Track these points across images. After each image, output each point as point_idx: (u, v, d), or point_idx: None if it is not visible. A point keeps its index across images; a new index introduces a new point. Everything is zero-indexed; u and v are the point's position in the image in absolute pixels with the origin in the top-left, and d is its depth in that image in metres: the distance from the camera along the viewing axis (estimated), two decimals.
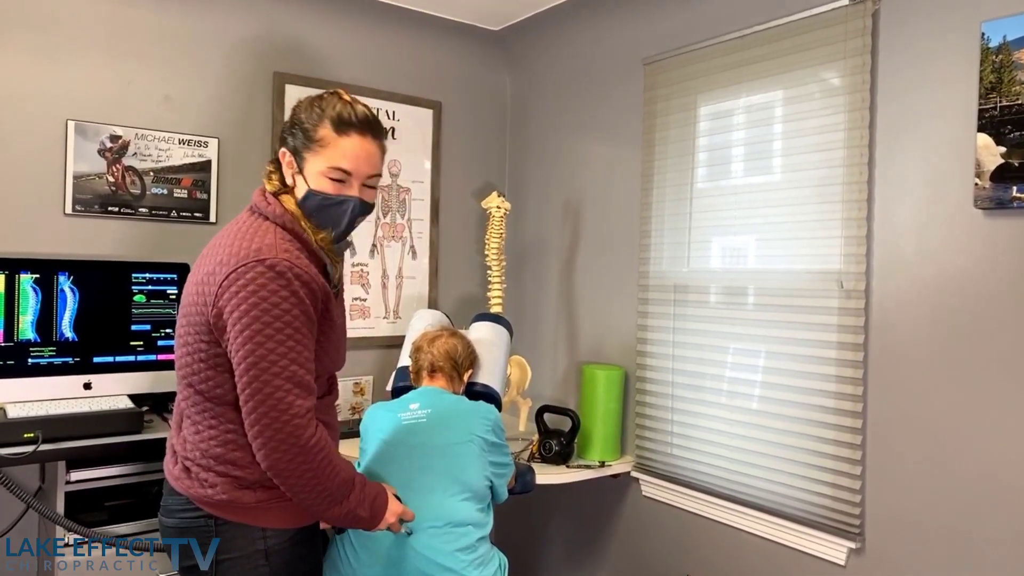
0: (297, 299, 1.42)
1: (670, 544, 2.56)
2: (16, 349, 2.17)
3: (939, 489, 1.87)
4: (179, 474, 1.54)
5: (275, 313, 1.39)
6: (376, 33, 2.98)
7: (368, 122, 1.54)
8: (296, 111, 1.56)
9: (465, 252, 3.27)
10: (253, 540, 1.51)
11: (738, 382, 2.33)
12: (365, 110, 1.55)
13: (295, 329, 1.41)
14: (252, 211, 1.55)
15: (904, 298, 1.94)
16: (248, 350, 1.38)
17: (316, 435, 1.42)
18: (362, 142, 1.52)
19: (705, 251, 2.45)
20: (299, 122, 1.53)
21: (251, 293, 1.38)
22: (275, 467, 1.41)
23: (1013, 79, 1.71)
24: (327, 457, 1.44)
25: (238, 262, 1.41)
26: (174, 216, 2.56)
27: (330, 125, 1.50)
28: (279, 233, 1.48)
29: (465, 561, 1.80)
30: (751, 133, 2.31)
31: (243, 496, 1.49)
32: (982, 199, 1.77)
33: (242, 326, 1.38)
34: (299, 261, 1.45)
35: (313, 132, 1.51)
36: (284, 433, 1.38)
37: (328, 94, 1.56)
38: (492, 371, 2.30)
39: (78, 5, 2.39)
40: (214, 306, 1.41)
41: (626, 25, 2.75)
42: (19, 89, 2.31)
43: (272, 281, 1.39)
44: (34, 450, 1.93)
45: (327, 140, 1.50)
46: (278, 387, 1.38)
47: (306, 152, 1.52)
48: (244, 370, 1.39)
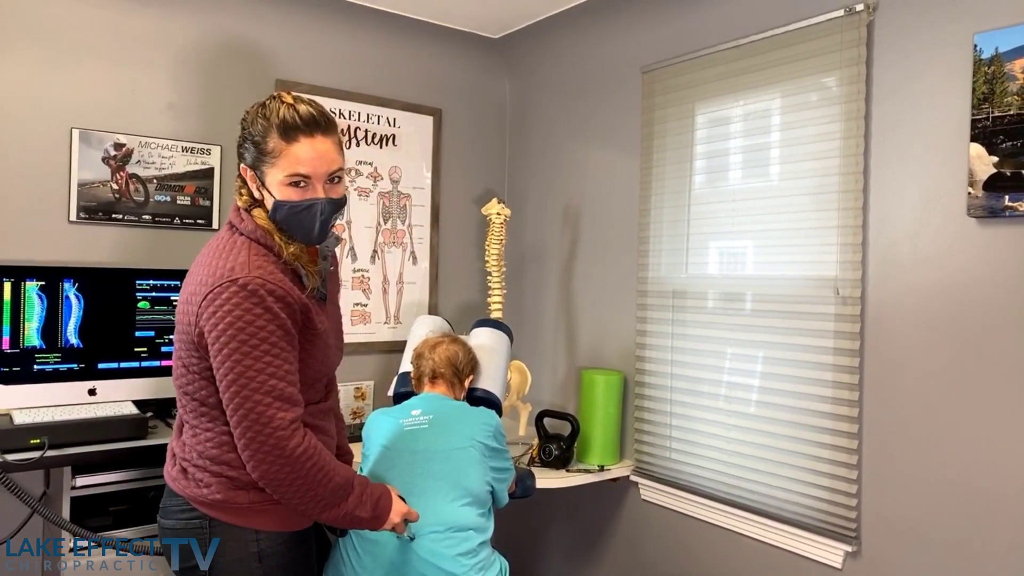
0: (272, 315, 1.45)
1: (669, 547, 2.59)
2: (22, 355, 2.20)
3: (934, 493, 1.90)
4: (176, 475, 1.58)
5: (250, 331, 1.42)
6: (377, 41, 3.01)
7: (313, 121, 1.50)
8: (245, 124, 1.54)
9: (465, 258, 3.29)
10: (246, 543, 1.54)
11: (736, 387, 2.36)
12: (308, 108, 1.51)
13: (272, 344, 1.44)
14: (230, 227, 1.57)
15: (899, 305, 1.97)
16: (228, 367, 1.42)
17: (303, 444, 1.45)
18: (312, 143, 1.50)
19: (703, 257, 2.48)
20: (249, 136, 1.52)
21: (227, 313, 1.42)
22: (264, 478, 1.45)
23: (1005, 90, 1.74)
24: (316, 464, 1.47)
25: (214, 283, 1.45)
26: (177, 223, 2.58)
27: (277, 134, 1.48)
28: (253, 249, 1.51)
29: (467, 565, 1.82)
30: (748, 141, 2.34)
31: (236, 496, 1.52)
32: (975, 208, 1.79)
33: (220, 344, 1.42)
34: (272, 277, 1.47)
35: (264, 145, 1.49)
36: (268, 446, 1.42)
37: (270, 99, 1.53)
38: (493, 376, 2.33)
39: (82, 15, 2.42)
40: (196, 325, 1.46)
41: (624, 34, 2.78)
42: (24, 98, 2.33)
43: (245, 300, 1.43)
44: (41, 456, 1.95)
45: (278, 150, 1.49)
46: (258, 402, 1.42)
47: (263, 165, 1.51)
48: (226, 387, 1.43)
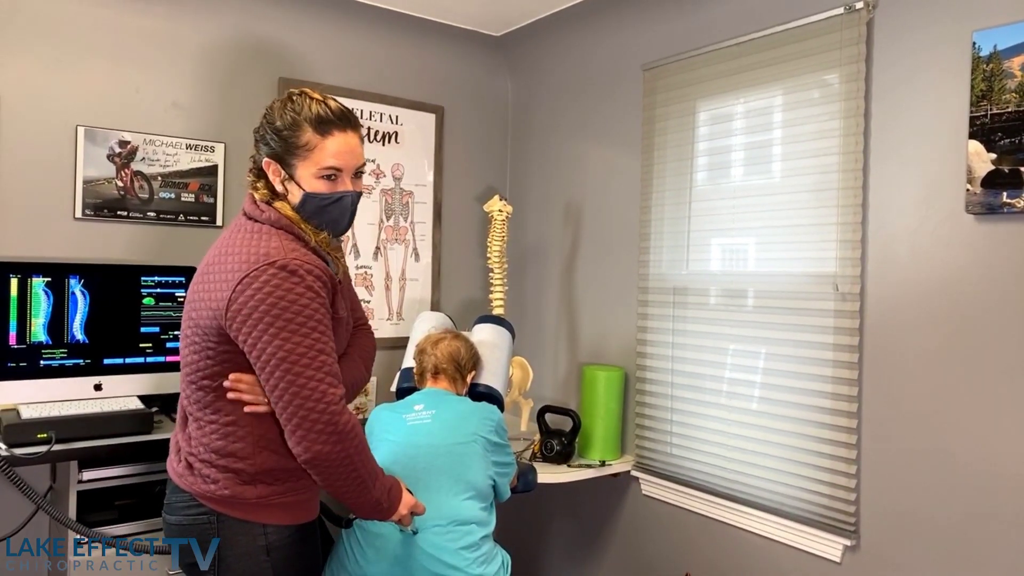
0: (313, 293, 1.46)
1: (669, 542, 2.61)
2: (28, 351, 2.22)
3: (933, 487, 1.91)
4: (182, 471, 1.57)
5: (295, 309, 1.43)
6: (379, 39, 3.02)
7: (344, 116, 1.55)
8: (270, 118, 1.56)
9: (467, 255, 3.31)
10: (255, 536, 1.55)
11: (736, 382, 2.38)
12: (339, 105, 1.56)
13: (317, 322, 1.45)
14: (248, 218, 1.57)
15: (898, 300, 1.99)
16: (276, 347, 1.42)
17: (351, 420, 1.47)
18: (345, 137, 1.54)
19: (703, 254, 2.50)
20: (277, 130, 1.53)
21: (267, 294, 1.42)
22: (316, 457, 1.44)
23: (1003, 87, 1.75)
24: (361, 442, 1.50)
25: (249, 267, 1.44)
26: (182, 220, 2.60)
27: (311, 128, 1.51)
28: (282, 235, 1.52)
29: (469, 559, 1.84)
30: (749, 138, 2.36)
31: (244, 492, 1.52)
32: (973, 204, 1.81)
33: (264, 325, 1.42)
34: (306, 257, 1.49)
35: (295, 138, 1.52)
36: (322, 423, 1.42)
37: (297, 95, 1.56)
38: (495, 372, 2.34)
39: (88, 13, 2.44)
40: (228, 310, 1.44)
41: (626, 31, 2.79)
42: (30, 95, 2.35)
43: (286, 280, 1.43)
44: (48, 450, 1.97)
45: (312, 143, 1.52)
46: (311, 377, 1.43)
47: (292, 158, 1.53)
48: (273, 367, 1.42)
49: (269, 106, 1.59)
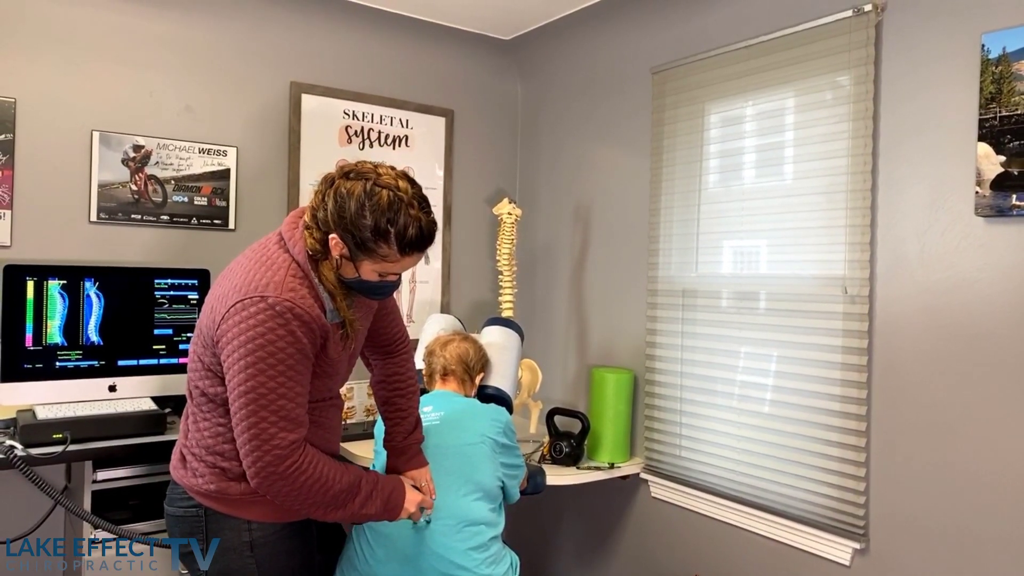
0: (293, 338, 1.47)
1: (678, 544, 2.61)
2: (44, 352, 2.25)
3: (942, 490, 1.91)
4: (177, 464, 1.65)
5: (270, 350, 1.45)
6: (390, 43, 3.04)
7: (432, 238, 1.53)
8: (348, 213, 1.47)
9: (477, 257, 3.32)
10: (239, 532, 1.59)
11: (745, 385, 2.37)
12: (431, 222, 1.52)
13: (288, 366, 1.47)
14: (280, 242, 1.56)
15: (907, 303, 1.98)
16: (241, 379, 1.45)
17: (299, 462, 1.48)
18: (420, 255, 1.56)
19: (712, 256, 2.50)
20: (356, 229, 1.48)
21: (250, 327, 1.45)
22: (260, 488, 1.49)
23: (1012, 89, 1.75)
24: (311, 477, 1.49)
25: (244, 294, 1.47)
26: (195, 223, 2.63)
27: (396, 246, 1.49)
28: (292, 270, 1.52)
29: (478, 559, 1.85)
30: (757, 141, 2.36)
31: (229, 487, 1.57)
32: (982, 207, 1.80)
33: (239, 356, 1.45)
34: (302, 301, 1.48)
35: (375, 247, 1.49)
36: (264, 462, 1.46)
37: (392, 196, 1.48)
38: (503, 374, 2.35)
39: (102, 19, 2.47)
40: (218, 329, 1.49)
41: (635, 34, 2.80)
42: (46, 101, 2.39)
43: (271, 319, 1.45)
44: (63, 450, 2.01)
45: (391, 257, 1.51)
46: (264, 418, 1.45)
47: (363, 254, 1.51)
48: (236, 398, 1.47)
49: (351, 190, 1.48)
